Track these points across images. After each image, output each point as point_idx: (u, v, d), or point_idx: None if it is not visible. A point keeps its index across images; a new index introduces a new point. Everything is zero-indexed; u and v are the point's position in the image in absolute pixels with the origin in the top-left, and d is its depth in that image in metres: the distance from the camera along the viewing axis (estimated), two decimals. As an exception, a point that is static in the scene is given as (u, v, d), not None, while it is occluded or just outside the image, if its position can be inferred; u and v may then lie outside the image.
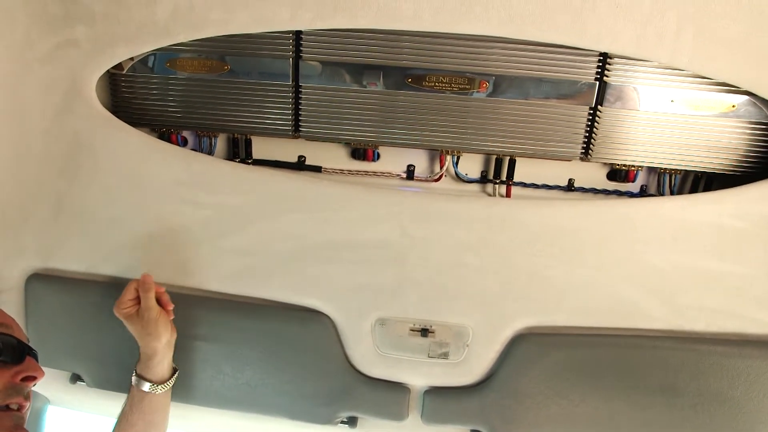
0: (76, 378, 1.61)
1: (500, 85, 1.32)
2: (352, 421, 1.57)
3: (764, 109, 1.28)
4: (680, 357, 1.37)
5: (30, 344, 1.13)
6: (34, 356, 1.12)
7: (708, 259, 1.33)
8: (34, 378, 1.08)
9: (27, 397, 1.07)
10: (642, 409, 1.47)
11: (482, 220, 1.33)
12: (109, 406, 1.75)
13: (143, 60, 1.38)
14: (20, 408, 1.06)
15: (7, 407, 1.03)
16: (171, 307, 1.34)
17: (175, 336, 1.37)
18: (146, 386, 1.34)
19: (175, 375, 1.39)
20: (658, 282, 1.34)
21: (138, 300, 1.32)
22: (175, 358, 1.43)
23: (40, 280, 1.46)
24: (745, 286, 1.34)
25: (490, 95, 1.32)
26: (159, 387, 1.35)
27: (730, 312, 1.35)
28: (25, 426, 1.05)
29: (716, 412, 1.44)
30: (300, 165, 1.49)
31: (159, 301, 1.32)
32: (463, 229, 1.33)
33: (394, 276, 1.35)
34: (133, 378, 1.36)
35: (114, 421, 1.37)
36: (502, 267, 1.34)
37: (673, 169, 1.39)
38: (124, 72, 1.40)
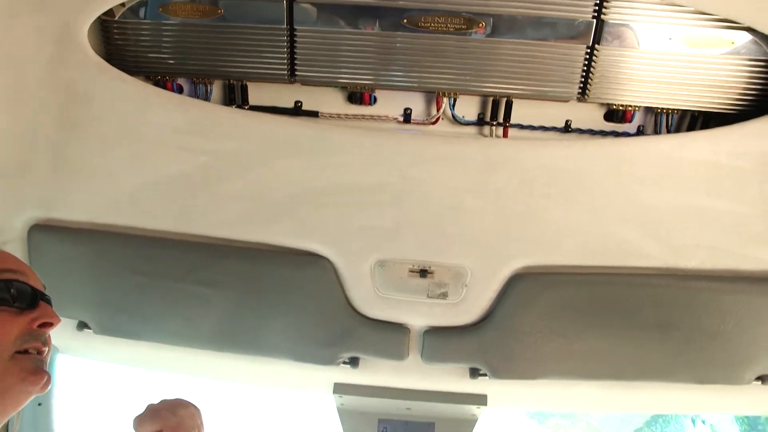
0: (82, 326, 1.64)
1: (497, 25, 1.30)
2: (353, 362, 1.61)
3: (764, 45, 1.27)
4: (675, 294, 1.40)
5: (45, 291, 1.16)
6: (48, 303, 1.15)
7: (703, 197, 1.34)
8: (50, 324, 1.10)
9: (45, 343, 1.09)
10: (637, 344, 1.51)
11: (479, 161, 1.34)
12: (116, 352, 1.80)
13: (135, 6, 1.36)
14: (39, 352, 1.08)
15: (26, 351, 1.06)
16: None
17: None
18: None
19: None
20: (654, 221, 1.36)
21: None
22: (177, 305, 1.45)
23: (43, 231, 1.48)
24: (739, 224, 1.35)
25: (487, 36, 1.31)
26: None
27: (725, 249, 1.37)
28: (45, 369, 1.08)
29: (708, 345, 1.48)
30: (297, 110, 1.48)
31: None
32: (460, 171, 1.34)
33: (393, 218, 1.36)
34: None
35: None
36: (499, 208, 1.35)
37: (670, 109, 1.39)
38: (116, 18, 1.38)
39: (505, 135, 1.44)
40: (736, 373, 1.57)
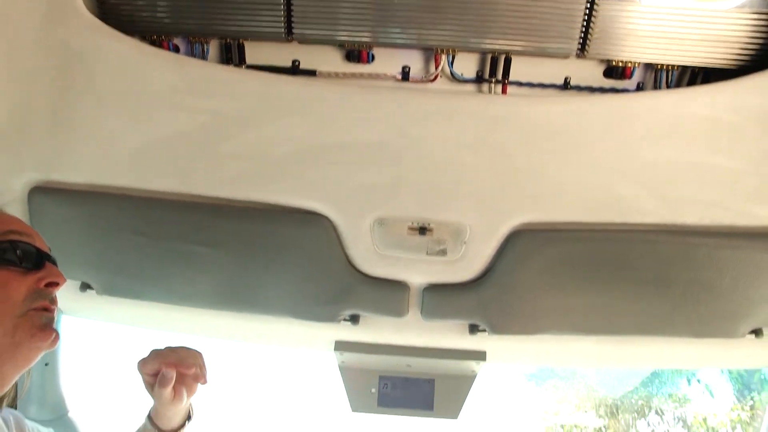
0: (85, 287, 1.66)
1: (496, -21, 1.29)
2: (354, 319, 1.64)
3: None
4: (672, 249, 1.41)
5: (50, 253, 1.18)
6: (54, 263, 1.17)
7: (702, 153, 1.34)
8: (56, 284, 1.13)
9: (52, 302, 1.12)
10: (634, 299, 1.53)
11: (478, 118, 1.34)
12: (119, 312, 1.82)
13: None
14: (47, 311, 1.11)
15: (34, 310, 1.08)
16: (196, 388, 1.26)
17: (190, 402, 1.31)
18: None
19: (186, 426, 1.35)
20: (652, 176, 1.36)
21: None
22: (178, 265, 1.46)
23: (43, 193, 1.48)
24: (737, 180, 1.36)
25: None
26: None
27: (722, 205, 1.37)
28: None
29: (704, 300, 1.51)
30: (294, 69, 1.47)
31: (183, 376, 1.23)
32: (459, 128, 1.34)
33: (392, 176, 1.36)
34: (145, 419, 1.35)
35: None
36: (498, 164, 1.35)
37: (670, 65, 1.38)
38: (110, -23, 1.36)
39: (503, 92, 1.43)
40: (731, 326, 1.60)
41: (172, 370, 1.16)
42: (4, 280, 1.06)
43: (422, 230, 1.41)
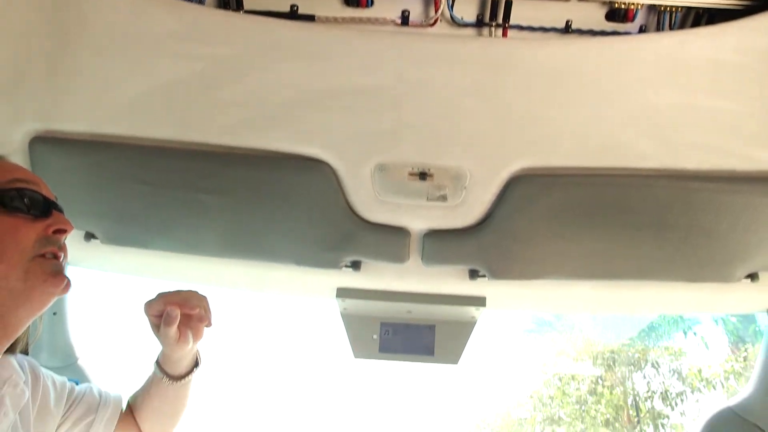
0: (90, 236, 1.67)
1: None
2: (356, 265, 1.66)
3: None
4: (672, 194, 1.41)
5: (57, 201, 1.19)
6: (61, 212, 1.18)
7: (704, 96, 1.33)
8: (64, 231, 1.15)
9: (61, 248, 1.14)
10: (632, 244, 1.55)
11: (479, 62, 1.32)
12: (123, 262, 1.84)
13: None
14: (56, 257, 1.13)
15: (43, 256, 1.10)
16: (201, 330, 1.28)
17: (198, 344, 1.34)
18: (163, 378, 1.35)
19: (194, 372, 1.39)
20: (653, 120, 1.35)
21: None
22: (181, 213, 1.47)
23: (43, 143, 1.47)
24: (739, 124, 1.35)
25: None
26: (175, 381, 1.36)
27: (723, 149, 1.37)
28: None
29: (702, 244, 1.52)
30: (293, 14, 1.44)
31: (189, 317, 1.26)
32: (459, 72, 1.32)
33: (392, 121, 1.36)
34: (154, 365, 1.38)
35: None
36: (498, 108, 1.34)
37: (673, 6, 1.36)
38: None
39: (504, 36, 1.41)
40: (727, 271, 1.62)
41: (176, 308, 1.19)
42: (13, 226, 1.08)
43: (422, 176, 1.41)
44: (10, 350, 1.19)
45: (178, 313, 1.20)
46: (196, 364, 1.39)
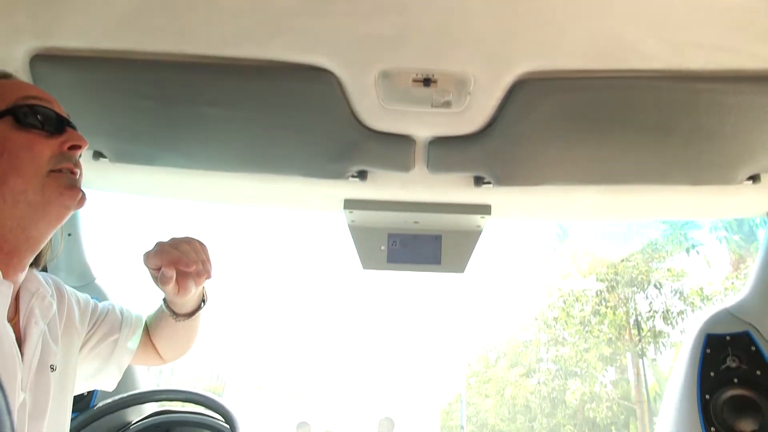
0: (98, 155, 1.69)
1: None
2: (362, 175, 1.68)
3: None
4: (676, 96, 1.40)
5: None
6: (73, 128, 1.20)
7: None
8: (79, 146, 1.17)
9: (76, 164, 1.17)
10: (636, 148, 1.55)
11: None
12: (132, 181, 1.87)
13: None
14: (72, 173, 1.16)
15: (59, 171, 1.13)
16: (201, 281, 1.31)
17: (203, 288, 1.38)
18: (171, 316, 1.41)
19: (200, 310, 1.43)
20: (658, 18, 1.32)
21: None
22: (187, 127, 1.48)
23: (45, 61, 1.46)
24: (746, 20, 1.31)
25: None
26: (182, 319, 1.41)
27: (730, 47, 1.33)
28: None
29: (705, 146, 1.52)
30: None
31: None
32: None
33: (395, 25, 1.33)
34: (161, 302, 1.43)
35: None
36: (501, 10, 1.31)
37: None
38: None
39: None
40: (729, 173, 1.63)
41: (171, 270, 1.22)
42: (29, 142, 1.10)
43: (426, 82, 1.40)
44: (34, 265, 1.24)
45: (173, 275, 1.22)
46: (203, 301, 1.44)
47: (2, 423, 0.42)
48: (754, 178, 1.68)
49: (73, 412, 1.28)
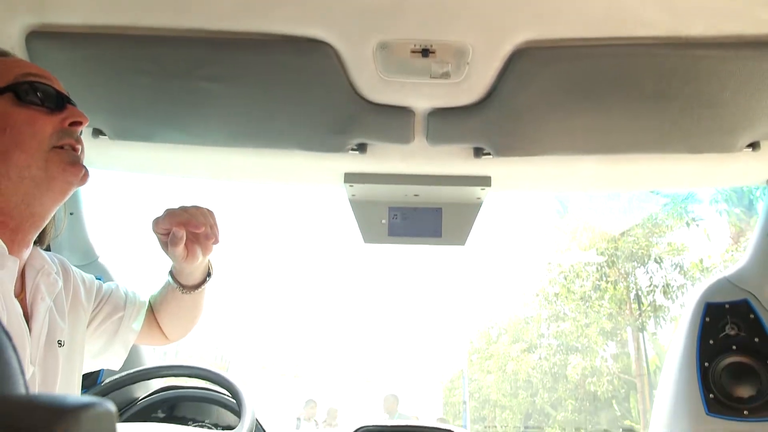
0: (98, 132, 1.69)
1: None
2: (362, 148, 1.68)
3: None
4: (675, 63, 1.39)
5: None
6: (74, 105, 1.21)
7: None
8: (80, 123, 1.18)
9: (78, 141, 1.18)
10: (635, 117, 1.55)
11: None
12: (132, 159, 1.87)
13: None
14: (74, 149, 1.16)
15: (61, 147, 1.13)
16: (209, 247, 1.34)
17: (208, 257, 1.39)
18: (177, 287, 1.43)
19: (206, 282, 1.45)
20: None
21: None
22: (186, 102, 1.47)
23: (41, 38, 1.45)
24: None
25: None
26: (188, 291, 1.43)
27: (731, 12, 1.31)
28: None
29: (704, 114, 1.52)
30: None
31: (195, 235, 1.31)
32: None
33: None
34: (168, 275, 1.44)
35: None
36: None
37: None
38: None
39: None
40: (729, 140, 1.63)
41: (181, 230, 1.26)
42: (31, 118, 1.11)
43: (425, 52, 1.39)
44: (38, 243, 1.25)
45: (183, 234, 1.26)
46: (208, 274, 1.46)
47: (16, 382, 0.43)
48: (754, 146, 1.68)
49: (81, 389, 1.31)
